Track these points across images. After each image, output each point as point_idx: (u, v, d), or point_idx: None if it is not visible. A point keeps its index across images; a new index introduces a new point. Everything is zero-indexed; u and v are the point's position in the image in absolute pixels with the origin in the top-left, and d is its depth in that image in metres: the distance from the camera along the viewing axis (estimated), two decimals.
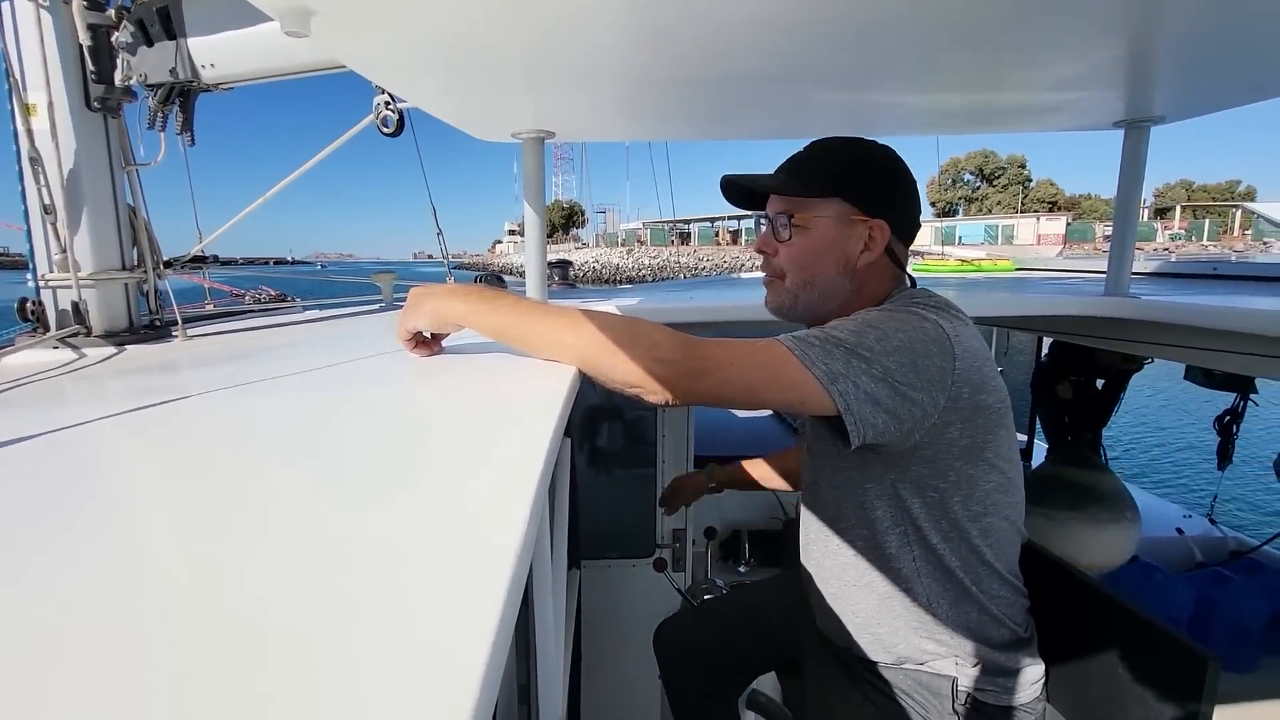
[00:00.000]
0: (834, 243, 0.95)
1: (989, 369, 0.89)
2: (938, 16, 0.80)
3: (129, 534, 0.40)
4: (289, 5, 0.63)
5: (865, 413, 0.79)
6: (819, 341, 0.81)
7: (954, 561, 0.92)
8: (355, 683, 0.25)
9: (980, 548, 0.92)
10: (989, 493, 0.91)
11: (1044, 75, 1.08)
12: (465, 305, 0.87)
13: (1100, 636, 1.01)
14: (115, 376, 0.99)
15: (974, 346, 0.87)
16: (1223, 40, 0.91)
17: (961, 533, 0.92)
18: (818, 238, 0.95)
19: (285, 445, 0.60)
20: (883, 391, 0.79)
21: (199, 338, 1.39)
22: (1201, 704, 0.85)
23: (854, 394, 0.78)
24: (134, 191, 1.34)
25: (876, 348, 0.80)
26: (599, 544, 2.04)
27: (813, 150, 0.98)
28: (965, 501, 0.91)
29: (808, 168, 0.97)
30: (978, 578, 0.93)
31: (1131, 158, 1.46)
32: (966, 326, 0.89)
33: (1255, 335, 1.22)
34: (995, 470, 0.91)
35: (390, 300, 1.97)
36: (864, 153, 0.97)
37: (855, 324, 0.84)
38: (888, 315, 0.86)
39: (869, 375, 0.79)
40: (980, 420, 0.88)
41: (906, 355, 0.81)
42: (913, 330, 0.83)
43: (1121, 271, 1.53)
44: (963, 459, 0.89)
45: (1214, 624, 2.59)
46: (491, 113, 1.24)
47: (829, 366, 0.79)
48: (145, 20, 1.30)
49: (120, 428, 0.65)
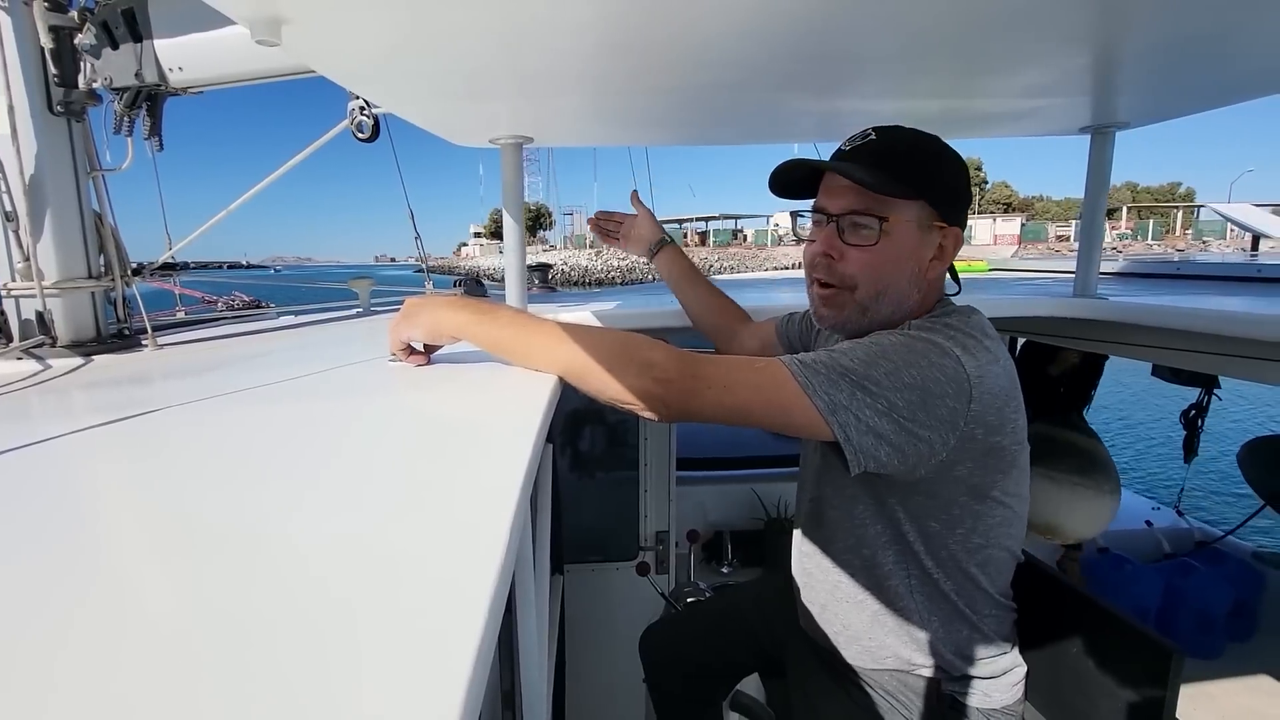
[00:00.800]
0: (913, 250, 0.85)
1: (1010, 409, 0.83)
2: (910, 26, 0.81)
3: (102, 555, 0.39)
4: (259, 14, 0.62)
5: (867, 445, 0.76)
6: (824, 369, 0.77)
7: (948, 586, 0.92)
8: (339, 691, 0.25)
9: (976, 576, 0.91)
10: (992, 527, 0.88)
11: (1014, 82, 1.10)
12: (461, 317, 0.86)
13: (1074, 633, 1.03)
14: (83, 389, 0.97)
15: (997, 386, 0.80)
16: (1182, 50, 0.93)
17: (958, 562, 0.90)
18: (900, 243, 0.84)
19: (263, 457, 0.59)
20: (886, 426, 0.76)
21: (170, 346, 1.36)
22: (1166, 693, 0.88)
23: (854, 425, 0.75)
24: (100, 197, 1.31)
25: (885, 382, 0.76)
26: (582, 548, 2.04)
27: (895, 142, 0.86)
28: (966, 536, 0.88)
29: (894, 162, 0.83)
30: (971, 600, 0.92)
31: (1098, 162, 1.49)
32: (996, 363, 0.81)
33: (1216, 335, 1.26)
34: (1001, 506, 0.88)
35: (368, 306, 1.95)
36: (948, 154, 0.87)
37: (866, 352, 0.79)
38: (905, 344, 0.80)
39: (873, 409, 0.75)
40: (992, 461, 0.84)
41: (916, 393, 0.76)
42: (928, 367, 0.77)
43: (1089, 273, 1.57)
44: (969, 496, 0.86)
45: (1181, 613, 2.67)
46: (468, 118, 1.24)
47: (831, 397, 0.75)
48: (110, 22, 1.27)
49: (89, 443, 0.63)
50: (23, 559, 0.38)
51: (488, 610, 0.30)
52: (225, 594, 0.33)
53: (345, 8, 0.65)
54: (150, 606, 0.33)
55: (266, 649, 0.28)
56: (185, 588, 0.35)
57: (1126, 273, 2.66)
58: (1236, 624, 2.61)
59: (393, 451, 0.60)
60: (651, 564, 2.07)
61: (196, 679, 0.26)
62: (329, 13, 0.65)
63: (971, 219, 47.76)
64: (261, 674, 0.26)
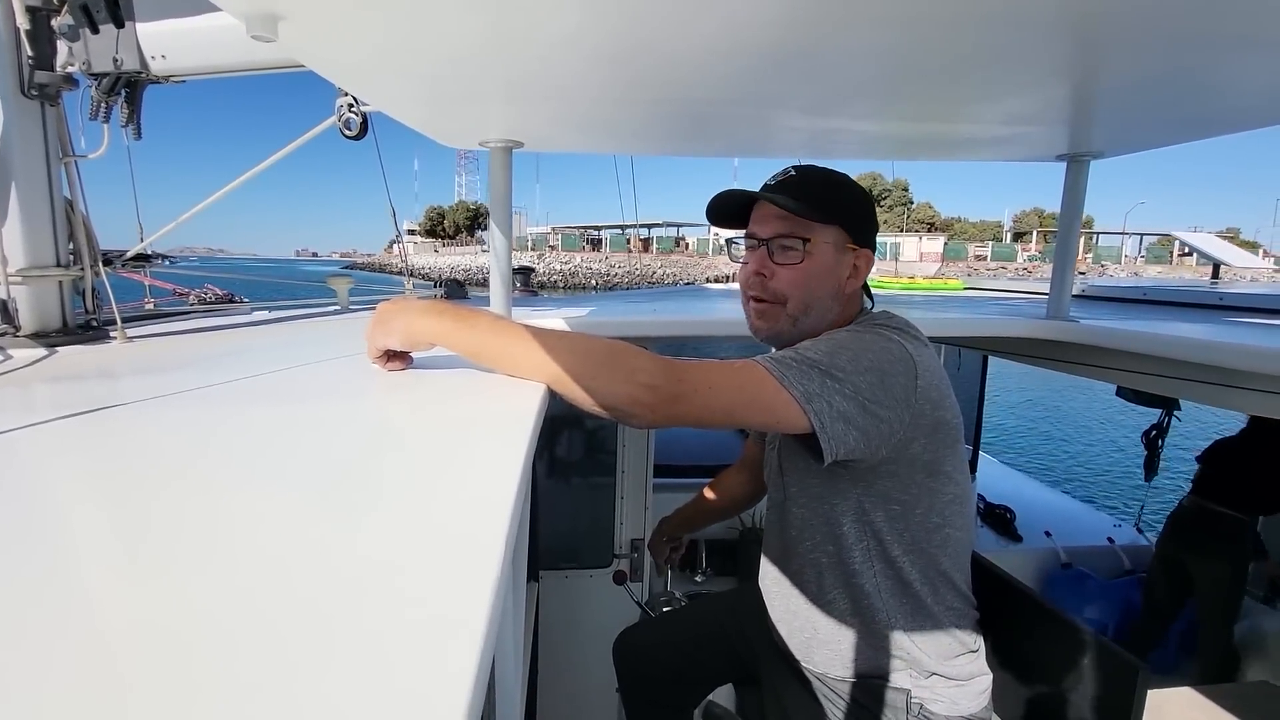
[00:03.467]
0: (832, 268, 0.97)
1: (945, 386, 0.93)
2: (899, 52, 0.83)
3: (50, 559, 0.37)
4: (256, 9, 0.61)
5: (838, 430, 0.82)
6: (795, 363, 0.84)
7: (913, 573, 0.96)
8: (314, 702, 0.24)
9: (938, 557, 0.97)
10: (947, 504, 0.96)
11: (996, 110, 1.13)
12: (439, 324, 0.85)
13: (1041, 646, 1.06)
14: (43, 381, 0.93)
15: (933, 365, 0.92)
16: (1155, 87, 0.97)
17: (921, 543, 0.96)
18: (821, 262, 0.97)
19: (233, 459, 0.57)
20: (854, 410, 0.83)
21: (140, 339, 1.32)
22: (1132, 709, 0.91)
23: (828, 413, 0.81)
24: (72, 184, 1.27)
25: (848, 368, 0.84)
26: (557, 554, 2.03)
27: (809, 176, 0.98)
28: (926, 513, 0.95)
29: (811, 192, 0.96)
30: (934, 588, 0.97)
31: (1072, 189, 1.54)
32: (926, 347, 0.93)
33: (1179, 360, 1.31)
34: (952, 482, 0.96)
35: (346, 305, 1.92)
36: (853, 186, 1.01)
37: (827, 345, 0.87)
38: (856, 336, 0.91)
39: (841, 394, 0.82)
40: (940, 435, 0.92)
41: (875, 375, 0.85)
42: (880, 351, 0.88)
43: (1062, 296, 1.62)
44: (924, 472, 0.93)
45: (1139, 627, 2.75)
46: (459, 121, 1.23)
47: (805, 387, 0.81)
48: (90, 5, 1.23)
49: (46, 438, 0.60)
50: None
51: (486, 619, 0.29)
52: (187, 604, 0.32)
53: (344, 6, 0.64)
54: (102, 618, 0.31)
55: (233, 665, 0.27)
56: (142, 599, 0.33)
57: (1097, 296, 2.74)
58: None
59: (371, 456, 0.59)
60: (627, 571, 2.06)
61: (156, 694, 0.25)
62: (327, 11, 0.64)
63: (899, 237, 50.26)
64: (224, 691, 0.25)
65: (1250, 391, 1.26)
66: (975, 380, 3.32)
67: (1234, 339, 1.34)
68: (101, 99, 1.29)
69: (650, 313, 1.73)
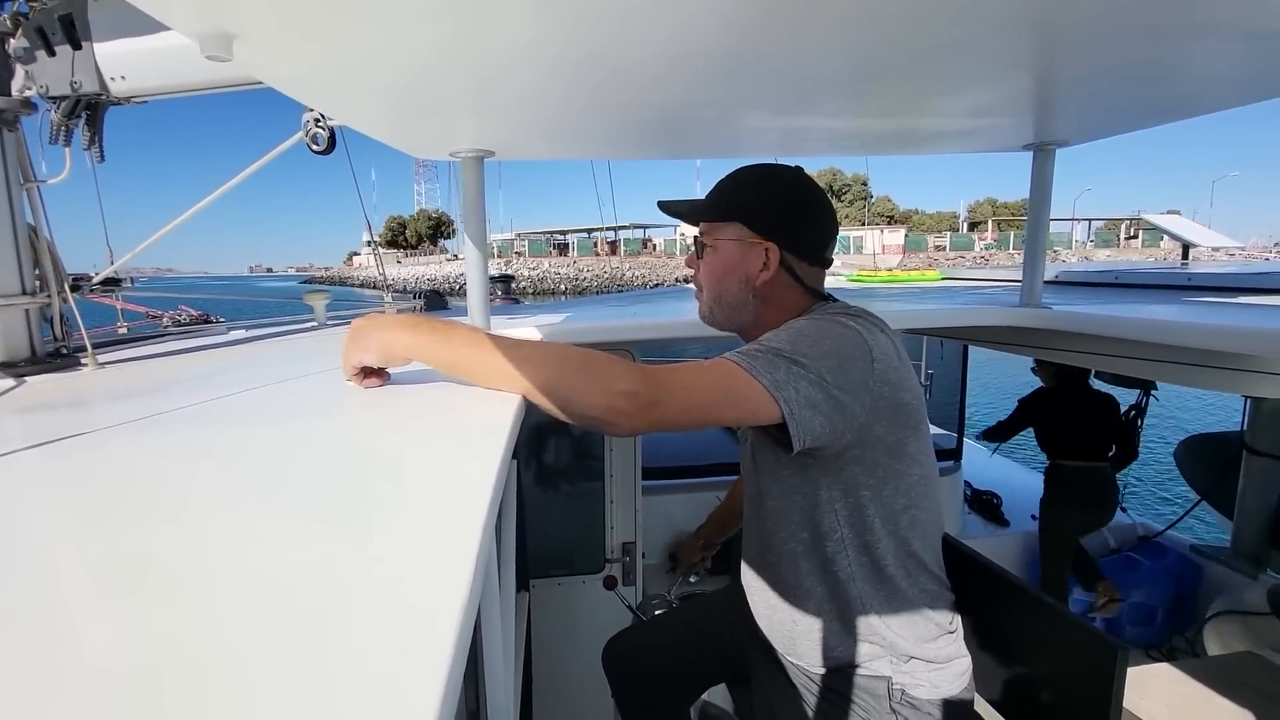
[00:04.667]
0: (736, 263, 1.02)
1: (904, 369, 0.96)
2: (863, 50, 0.84)
3: (30, 593, 0.36)
4: (209, 29, 0.60)
5: (805, 417, 0.84)
6: (761, 354, 0.86)
7: (886, 556, 0.98)
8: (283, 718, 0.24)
9: (909, 538, 0.99)
10: (913, 485, 0.98)
11: (961, 103, 1.15)
12: (414, 338, 0.84)
13: (1021, 629, 1.07)
14: (12, 411, 0.91)
15: (888, 348, 0.94)
16: (1114, 77, 0.99)
17: (892, 525, 0.98)
18: (723, 258, 1.03)
19: (212, 482, 0.56)
20: (819, 395, 0.85)
21: (112, 365, 1.30)
22: (1113, 688, 0.92)
23: (795, 399, 0.83)
24: (35, 210, 1.25)
25: (810, 353, 0.86)
26: (548, 562, 2.02)
27: (726, 178, 1.05)
28: (893, 495, 0.97)
29: (717, 194, 1.04)
30: (907, 570, 0.99)
31: (1040, 177, 1.57)
32: (881, 332, 0.96)
33: (1153, 343, 1.33)
34: (917, 464, 0.99)
35: (323, 321, 1.90)
36: (767, 180, 1.04)
37: (789, 334, 0.90)
38: (814, 324, 0.94)
39: (806, 380, 0.84)
40: (902, 416, 0.94)
41: (835, 359, 0.87)
42: (837, 337, 0.90)
43: (1034, 283, 1.64)
44: (888, 455, 0.95)
45: (1126, 604, 2.80)
46: (427, 132, 1.22)
47: (773, 376, 0.83)
48: (46, 28, 1.21)
49: (16, 468, 0.59)
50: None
51: (454, 641, 0.29)
52: (160, 629, 0.31)
53: (299, 23, 0.64)
54: (74, 653, 0.30)
55: (220, 683, 0.27)
56: (116, 627, 0.32)
57: (1070, 281, 2.78)
58: (1177, 614, 2.75)
59: (352, 474, 0.58)
60: (619, 576, 2.06)
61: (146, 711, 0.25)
62: (282, 28, 0.64)
63: (861, 230, 51.85)
64: (216, 707, 0.25)
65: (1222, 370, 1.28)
66: (957, 369, 3.36)
67: (1205, 319, 1.37)
68: (62, 122, 1.27)
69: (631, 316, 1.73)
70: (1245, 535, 2.66)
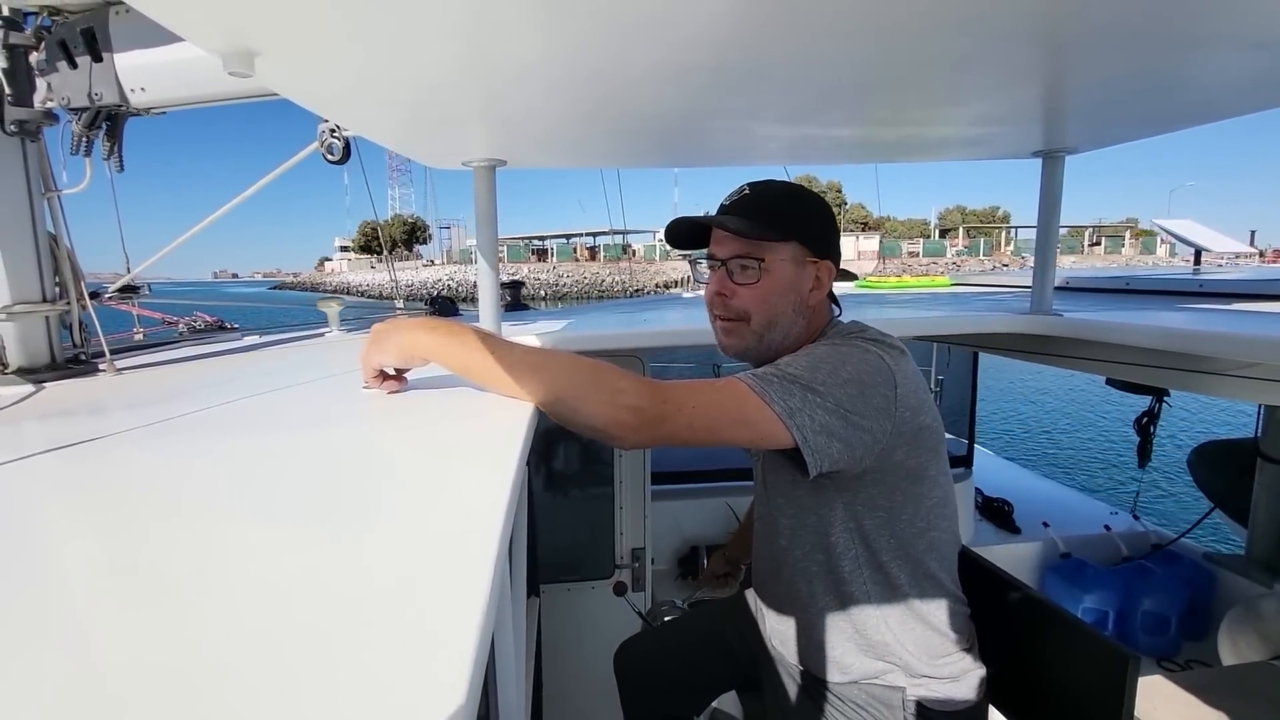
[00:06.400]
0: (792, 284, 0.98)
1: (924, 393, 0.94)
2: (871, 60, 0.84)
3: (45, 595, 0.37)
4: (231, 47, 0.62)
5: (821, 444, 0.82)
6: (776, 379, 0.84)
7: (902, 577, 0.97)
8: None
9: (925, 559, 0.98)
10: (931, 507, 0.97)
11: (969, 111, 1.15)
12: (432, 340, 0.86)
13: (1034, 639, 1.07)
14: (32, 416, 0.93)
15: (910, 372, 0.92)
16: (1124, 84, 0.99)
17: (908, 547, 0.97)
18: (779, 279, 0.97)
19: (229, 487, 0.57)
20: (836, 423, 0.83)
21: (129, 371, 1.32)
22: (1125, 698, 0.91)
23: (810, 427, 0.82)
24: (55, 219, 1.27)
25: (829, 381, 0.84)
26: (557, 567, 2.02)
27: (763, 194, 0.99)
28: (911, 518, 0.96)
29: (764, 211, 0.97)
30: (923, 590, 0.98)
31: (1049, 184, 1.56)
32: (903, 355, 0.94)
33: (1166, 351, 1.32)
34: (936, 486, 0.97)
35: (338, 327, 1.92)
36: (808, 197, 1.02)
37: (807, 360, 0.88)
38: (834, 349, 0.91)
39: (823, 408, 0.83)
40: (923, 440, 0.93)
41: (855, 387, 0.85)
42: (859, 363, 0.88)
43: (1044, 290, 1.63)
44: (908, 479, 0.94)
45: (1139, 614, 2.76)
46: (440, 142, 1.24)
47: (787, 403, 0.82)
48: (68, 41, 1.24)
49: (33, 471, 0.60)
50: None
51: (475, 646, 0.30)
52: (178, 631, 0.32)
53: (318, 39, 0.65)
54: (93, 657, 0.31)
55: (235, 690, 0.27)
56: (135, 630, 0.33)
57: (1078, 288, 2.77)
58: (1191, 623, 2.72)
59: (366, 480, 0.59)
60: (628, 582, 2.06)
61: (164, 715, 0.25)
62: (304, 46, 0.65)
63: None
64: (230, 715, 0.26)
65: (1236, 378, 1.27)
66: (966, 376, 3.34)
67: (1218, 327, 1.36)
68: (83, 133, 1.30)
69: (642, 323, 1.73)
70: (1260, 543, 2.63)
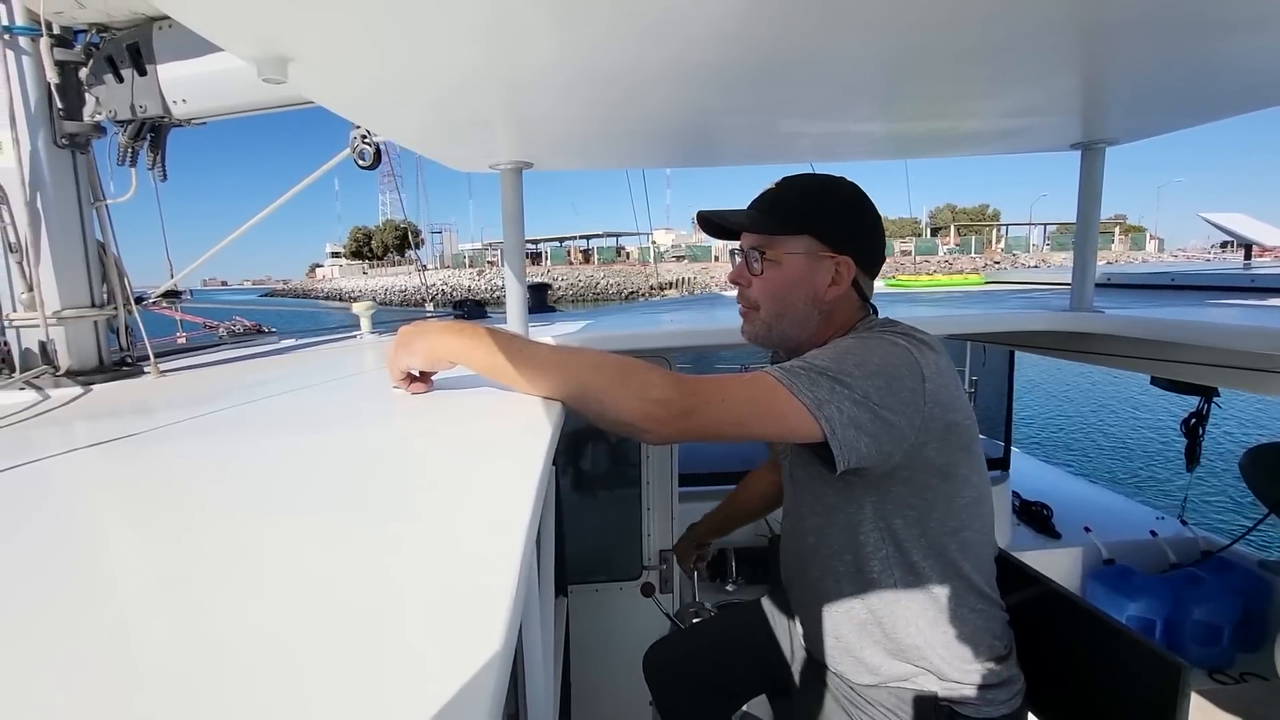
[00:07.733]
0: (804, 277, 0.98)
1: (955, 388, 0.92)
2: (901, 52, 0.83)
3: (95, 581, 0.38)
4: (266, 54, 0.64)
5: (849, 437, 0.81)
6: (804, 371, 0.83)
7: (933, 578, 0.95)
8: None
9: (958, 561, 0.95)
10: (964, 507, 0.94)
11: (1004, 103, 1.12)
12: (459, 341, 0.87)
13: (1076, 645, 1.03)
14: (82, 415, 0.97)
15: (940, 367, 0.90)
16: (1166, 73, 0.96)
17: (940, 547, 0.94)
18: (789, 272, 0.98)
19: (264, 483, 0.59)
20: (864, 416, 0.82)
21: (172, 373, 1.36)
22: (1177, 710, 0.88)
23: (838, 419, 0.80)
24: (103, 227, 1.32)
25: (856, 373, 0.83)
26: (585, 568, 2.03)
27: (784, 188, 1.00)
28: (943, 517, 0.93)
29: (779, 205, 0.99)
30: (956, 592, 0.95)
31: (1088, 177, 1.51)
32: (932, 350, 0.92)
33: (1214, 348, 1.27)
34: (969, 485, 0.94)
35: (370, 329, 1.96)
36: (832, 191, 1.00)
37: (834, 352, 0.87)
38: (861, 342, 0.90)
39: (851, 400, 0.81)
40: (953, 437, 0.91)
41: (882, 379, 0.84)
42: (886, 355, 0.87)
43: (1085, 287, 1.58)
44: (938, 477, 0.92)
45: (1189, 623, 2.65)
46: (468, 146, 1.26)
47: (815, 394, 0.81)
48: (115, 57, 1.29)
49: (81, 461, 0.63)
50: (9, 578, 0.37)
51: (502, 644, 0.30)
52: (217, 627, 0.33)
53: (349, 47, 0.67)
54: (138, 640, 0.32)
55: (268, 684, 0.28)
56: (175, 617, 0.34)
57: (1118, 284, 2.68)
58: (1245, 633, 2.60)
59: (397, 478, 0.60)
60: (656, 584, 2.05)
61: (204, 705, 0.26)
62: (334, 52, 0.67)
63: None
64: (265, 710, 0.26)
65: None
66: (1002, 376, 3.25)
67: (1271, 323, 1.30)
68: (129, 144, 1.35)
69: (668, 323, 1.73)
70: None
